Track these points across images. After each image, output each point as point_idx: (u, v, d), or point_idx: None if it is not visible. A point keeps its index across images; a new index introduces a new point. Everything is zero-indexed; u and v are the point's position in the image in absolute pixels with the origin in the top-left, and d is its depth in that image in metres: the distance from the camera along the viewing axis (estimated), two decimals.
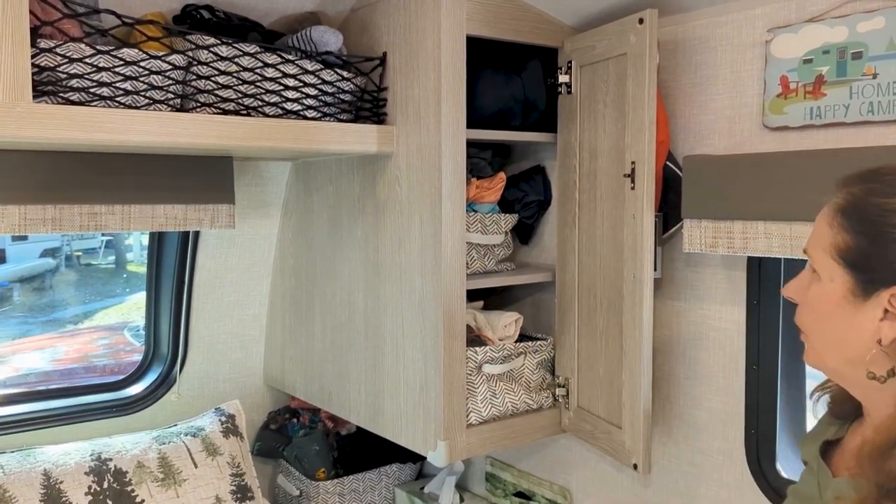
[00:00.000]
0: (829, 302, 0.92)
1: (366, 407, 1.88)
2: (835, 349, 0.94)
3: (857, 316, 0.90)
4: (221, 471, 1.77)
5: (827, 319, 0.94)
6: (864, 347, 0.90)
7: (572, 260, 1.74)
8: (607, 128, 1.59)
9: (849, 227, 0.90)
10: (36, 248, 7.52)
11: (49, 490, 1.56)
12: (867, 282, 0.89)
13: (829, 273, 0.92)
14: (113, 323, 5.82)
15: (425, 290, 1.67)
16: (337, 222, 1.96)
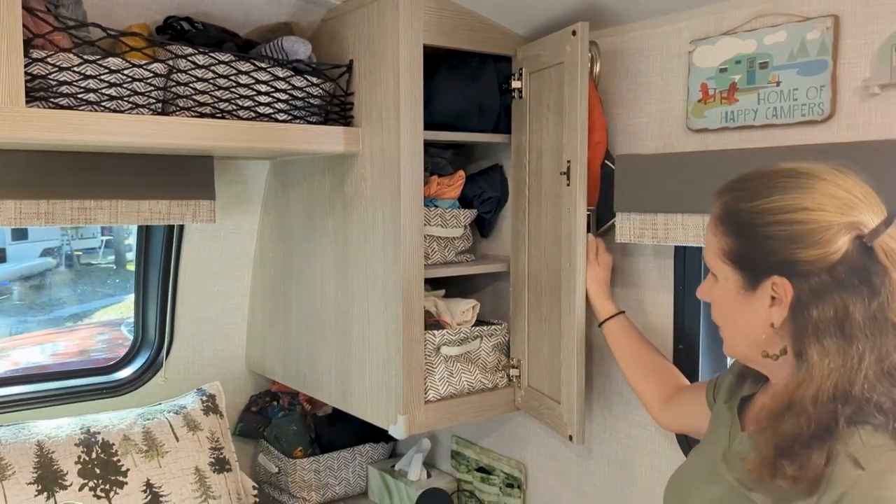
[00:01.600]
0: (728, 299, 1.08)
1: (336, 387, 2.04)
2: (741, 338, 1.09)
3: (751, 306, 1.04)
4: (201, 444, 1.92)
5: (730, 314, 1.09)
6: (762, 332, 1.04)
7: (523, 251, 1.89)
8: (550, 130, 1.74)
9: (727, 232, 1.06)
10: (36, 248, 7.66)
11: (42, 459, 1.72)
12: (751, 276, 1.03)
13: (723, 274, 1.08)
14: (111, 319, 5.96)
15: (387, 278, 1.82)
16: (310, 217, 2.11)
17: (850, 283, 0.96)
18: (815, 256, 0.96)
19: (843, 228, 0.96)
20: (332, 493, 2.34)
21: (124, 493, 1.75)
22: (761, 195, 1.02)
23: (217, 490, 1.87)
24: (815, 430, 0.94)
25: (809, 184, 1.00)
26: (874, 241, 0.96)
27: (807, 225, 0.97)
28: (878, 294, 0.95)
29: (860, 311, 0.95)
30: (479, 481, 2.19)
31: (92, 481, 1.73)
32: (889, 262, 0.96)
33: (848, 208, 0.97)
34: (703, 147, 1.57)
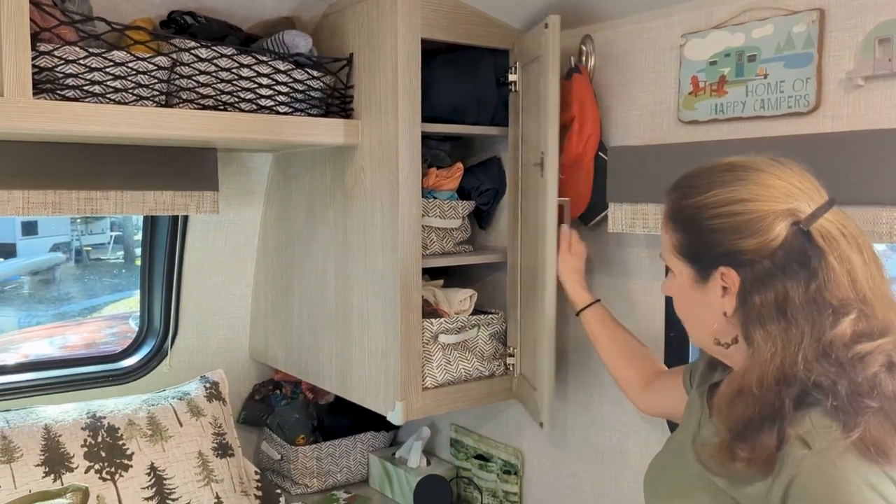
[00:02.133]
0: (685, 292, 1.12)
1: (336, 374, 2.08)
2: (700, 329, 1.13)
3: (706, 298, 1.08)
4: (204, 430, 1.96)
5: (688, 306, 1.14)
6: (716, 321, 1.07)
7: (516, 242, 1.93)
8: (533, 122, 1.78)
9: (676, 228, 1.10)
10: (46, 243, 7.74)
11: (49, 442, 1.76)
12: (702, 268, 1.07)
13: (677, 269, 1.12)
14: (119, 313, 6.02)
15: (386, 268, 1.86)
16: (312, 208, 2.15)
17: (789, 267, 0.99)
18: (756, 245, 1.00)
19: (780, 216, 1.00)
20: (333, 479, 2.39)
21: (129, 476, 1.79)
22: (703, 191, 1.06)
23: (220, 474, 1.91)
24: (763, 413, 0.97)
25: (746, 176, 1.04)
26: (810, 225, 0.99)
27: (745, 216, 1.01)
28: (816, 276, 0.98)
29: (799, 294, 0.98)
30: (478, 468, 2.22)
31: (98, 464, 1.77)
32: (826, 244, 0.99)
33: (784, 196, 1.01)
34: (694, 139, 1.60)
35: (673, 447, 1.25)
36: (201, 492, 1.86)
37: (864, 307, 0.97)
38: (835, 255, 0.98)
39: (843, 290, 0.97)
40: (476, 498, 2.22)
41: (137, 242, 5.54)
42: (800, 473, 0.92)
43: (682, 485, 1.12)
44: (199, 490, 1.86)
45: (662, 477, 1.20)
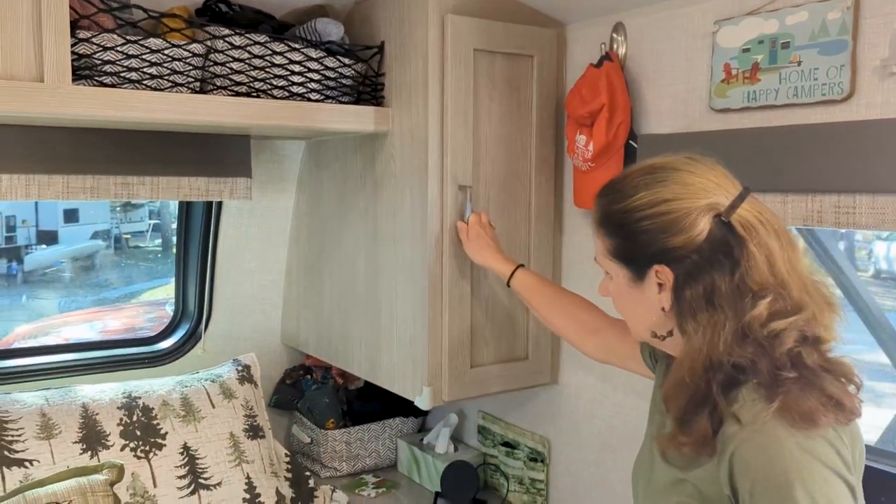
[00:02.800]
0: (623, 292, 1.18)
1: (366, 360, 2.10)
2: (639, 323, 1.19)
3: (643, 295, 1.14)
4: (236, 412, 2.00)
5: (628, 305, 1.20)
6: (655, 316, 1.14)
7: None
8: None
9: (608, 233, 1.16)
10: (87, 230, 7.89)
11: (87, 420, 1.81)
12: (637, 269, 1.13)
13: (613, 272, 1.18)
14: (157, 299, 6.13)
15: (414, 256, 1.87)
16: (343, 196, 2.18)
17: (715, 259, 1.05)
18: (684, 241, 1.06)
19: (701, 211, 1.06)
20: (362, 464, 2.42)
21: (163, 455, 1.84)
22: (629, 195, 1.12)
23: (251, 455, 1.95)
24: (696, 399, 1.04)
25: (666, 177, 1.10)
26: (730, 217, 1.05)
27: (670, 215, 1.07)
28: (739, 265, 1.04)
29: (725, 283, 1.04)
30: (504, 455, 2.24)
31: (133, 442, 1.82)
32: (746, 233, 1.05)
33: (703, 192, 1.07)
34: (726, 126, 1.59)
35: (647, 443, 1.27)
36: (232, 472, 1.90)
37: (780, 289, 1.03)
38: (754, 243, 1.04)
39: (763, 275, 1.03)
40: (503, 485, 2.23)
41: (175, 230, 5.67)
42: (737, 448, 0.99)
43: (651, 480, 1.17)
44: (230, 470, 1.90)
45: (641, 474, 1.24)
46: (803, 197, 1.40)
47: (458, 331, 1.88)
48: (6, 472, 1.67)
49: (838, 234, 2.06)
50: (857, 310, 2.04)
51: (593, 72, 1.77)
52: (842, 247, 5.98)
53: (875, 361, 4.60)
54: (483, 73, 1.85)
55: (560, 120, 1.97)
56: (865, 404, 1.10)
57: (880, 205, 1.29)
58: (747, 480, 0.97)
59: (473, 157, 1.86)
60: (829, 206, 1.36)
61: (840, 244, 5.28)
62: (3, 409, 1.76)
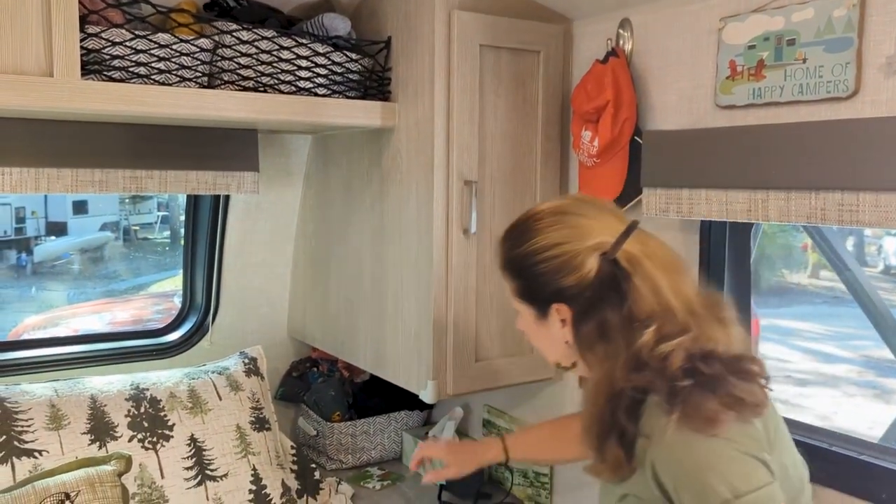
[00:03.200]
0: (532, 329, 1.28)
1: (371, 353, 2.12)
2: (550, 356, 1.30)
3: (549, 331, 1.23)
4: (242, 404, 2.02)
5: (537, 340, 1.30)
6: (560, 349, 1.23)
7: None
8: None
9: (511, 276, 1.26)
10: (96, 222, 7.94)
11: (95, 411, 1.84)
12: (540, 307, 1.22)
13: (522, 310, 1.27)
14: (165, 290, 6.17)
15: (420, 250, 1.88)
16: (349, 190, 2.19)
17: (605, 294, 1.14)
18: (576, 280, 1.15)
19: (589, 251, 1.15)
20: (367, 456, 2.43)
21: (170, 446, 1.86)
22: (524, 240, 1.21)
23: (257, 447, 1.97)
24: (604, 428, 1.13)
25: (556, 221, 1.19)
26: (615, 254, 1.14)
27: (562, 257, 1.16)
28: (627, 297, 1.12)
29: (616, 316, 1.13)
30: None
31: (140, 434, 1.84)
32: (631, 267, 1.13)
33: (590, 233, 1.16)
34: (730, 123, 1.59)
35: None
36: (239, 463, 1.92)
37: (666, 315, 1.11)
38: (639, 276, 1.13)
39: (649, 305, 1.11)
40: (507, 478, 2.25)
41: (184, 223, 5.70)
42: (653, 458, 1.08)
43: (607, 496, 1.23)
44: (236, 462, 1.92)
45: (602, 491, 1.29)
46: (807, 194, 1.40)
47: (463, 325, 1.89)
48: (16, 463, 1.69)
49: (847, 231, 2.06)
50: (863, 306, 2.05)
51: (599, 68, 1.78)
52: (851, 243, 5.94)
53: (882, 357, 4.58)
54: (489, 69, 1.86)
55: (566, 116, 1.98)
56: (872, 400, 1.13)
57: (884, 202, 1.29)
58: (669, 480, 1.06)
59: (479, 153, 1.87)
60: (832, 203, 1.37)
61: (850, 240, 5.26)
62: (12, 400, 1.78)
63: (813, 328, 6.46)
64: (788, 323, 6.48)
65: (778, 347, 5.79)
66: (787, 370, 5.45)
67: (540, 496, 2.15)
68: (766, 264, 6.12)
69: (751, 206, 1.49)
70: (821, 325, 6.49)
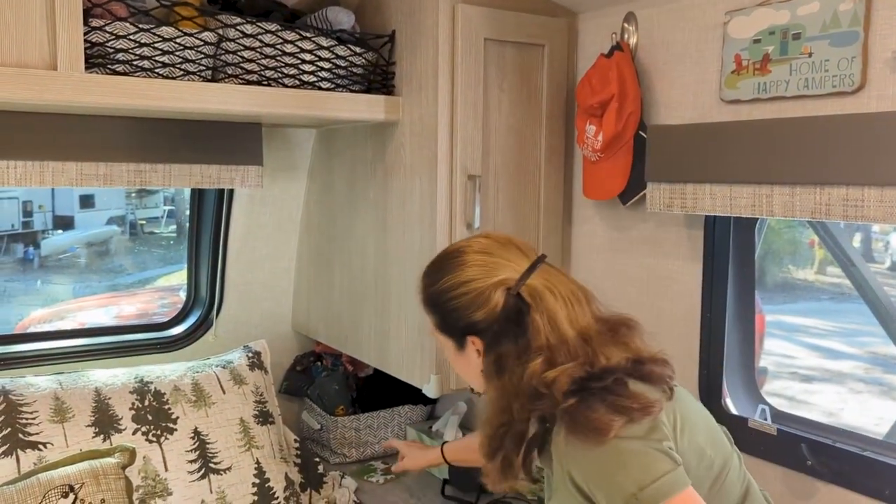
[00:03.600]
0: (454, 358, 1.35)
1: (375, 347, 2.12)
2: (471, 382, 1.37)
3: (468, 360, 1.30)
4: (246, 398, 2.02)
5: (459, 368, 1.38)
6: (479, 377, 1.29)
7: None
8: None
9: (430, 311, 1.33)
10: (102, 216, 7.95)
11: (99, 404, 1.84)
12: (457, 339, 1.30)
13: (442, 341, 1.35)
14: (171, 285, 6.19)
15: (423, 244, 1.88)
16: (353, 184, 2.19)
17: (508, 327, 1.21)
18: (485, 314, 1.23)
19: (495, 287, 1.22)
20: (371, 450, 2.44)
21: (174, 439, 1.86)
22: (438, 278, 1.29)
23: (260, 440, 1.97)
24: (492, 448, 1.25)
25: (465, 260, 1.27)
26: (518, 289, 1.22)
27: (471, 294, 1.23)
28: (526, 330, 1.20)
29: (512, 349, 1.20)
30: None
31: (144, 426, 1.84)
32: (532, 300, 1.21)
33: (496, 269, 1.24)
34: (736, 118, 1.58)
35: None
36: (242, 457, 1.92)
37: (559, 345, 1.18)
38: (538, 309, 1.20)
39: (542, 337, 1.19)
40: None
41: (189, 218, 5.63)
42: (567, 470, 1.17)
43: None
44: (240, 455, 1.92)
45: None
46: (812, 189, 1.40)
47: None
48: (20, 455, 1.70)
49: (854, 227, 2.05)
50: (868, 303, 2.03)
51: (604, 62, 1.77)
52: (858, 239, 5.88)
53: (889, 354, 4.55)
54: (493, 63, 1.85)
55: (570, 110, 1.97)
56: (878, 396, 1.14)
57: (889, 197, 1.29)
58: (583, 483, 1.16)
59: (483, 147, 1.87)
60: (837, 198, 1.36)
61: (857, 236, 5.20)
62: (17, 392, 1.79)
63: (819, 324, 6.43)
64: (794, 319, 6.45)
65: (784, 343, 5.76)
66: (793, 366, 5.42)
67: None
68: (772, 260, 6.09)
69: (755, 201, 1.48)
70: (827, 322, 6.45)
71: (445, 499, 2.17)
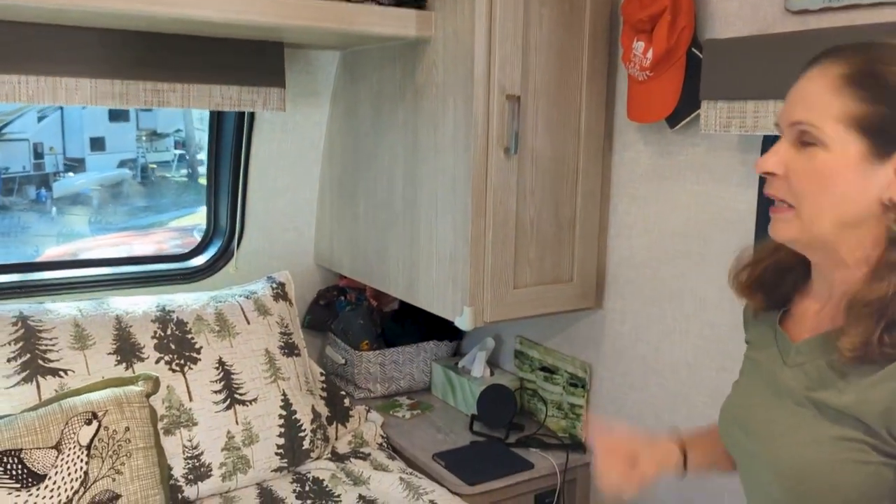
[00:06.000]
0: (841, 167, 0.93)
1: (403, 279, 2.04)
2: (832, 213, 0.95)
3: (867, 179, 0.92)
4: (271, 329, 1.95)
5: (832, 185, 0.94)
6: (867, 209, 0.93)
7: None
8: None
9: (864, 96, 0.92)
10: (113, 159, 7.87)
11: (120, 332, 1.78)
12: (884, 146, 0.91)
13: (841, 142, 0.93)
14: (184, 225, 6.13)
15: (457, 169, 1.78)
16: (380, 108, 2.08)
17: None
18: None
19: None
20: (396, 386, 2.38)
21: (198, 369, 1.80)
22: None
23: (286, 372, 1.91)
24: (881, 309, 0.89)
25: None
26: None
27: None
28: None
29: None
30: (543, 380, 2.18)
31: (167, 356, 1.78)
32: None
33: None
34: (804, 27, 1.46)
35: (753, 387, 1.12)
36: (268, 388, 1.86)
37: None
38: None
39: None
40: (540, 409, 2.19)
41: (201, 161, 5.58)
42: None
43: (784, 417, 1.01)
44: (266, 386, 1.86)
45: (755, 417, 1.07)
46: None
47: (502, 249, 1.80)
48: (41, 381, 1.64)
49: None
50: None
51: None
52: None
53: None
54: None
55: (615, 26, 1.85)
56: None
57: None
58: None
59: (522, 66, 1.75)
60: None
61: None
62: (36, 318, 1.73)
63: None
64: None
65: None
66: None
67: (575, 428, 2.09)
68: None
69: None
70: None
71: (474, 434, 2.12)
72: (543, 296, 1.89)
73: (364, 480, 1.84)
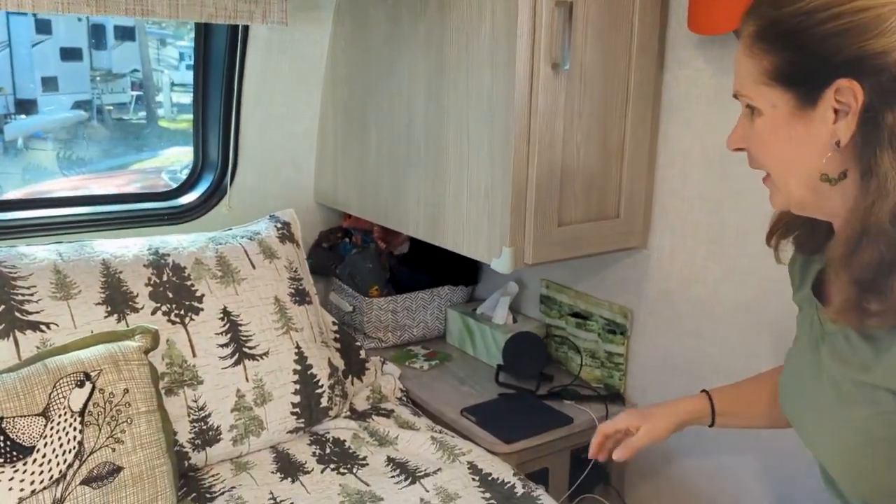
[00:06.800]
0: (777, 130, 0.90)
1: (424, 218, 1.82)
2: (797, 172, 0.91)
3: (809, 129, 0.87)
4: (279, 274, 1.73)
5: (780, 147, 0.91)
6: (822, 157, 0.87)
7: None
8: None
9: (771, 49, 0.88)
10: (67, 101, 7.44)
11: (109, 279, 1.54)
12: (808, 90, 0.86)
13: (768, 101, 0.90)
14: (146, 167, 5.81)
15: (494, 91, 1.56)
16: (396, 23, 1.83)
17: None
18: (886, 46, 0.80)
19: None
20: (409, 334, 2.18)
21: (200, 320, 1.58)
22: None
23: (299, 322, 1.69)
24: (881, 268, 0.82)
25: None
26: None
27: (871, 11, 0.81)
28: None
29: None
30: (574, 327, 2.00)
31: (165, 305, 1.55)
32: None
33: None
34: None
35: (800, 360, 1.05)
36: (280, 340, 1.65)
37: None
38: None
39: None
40: (572, 358, 2.01)
41: (159, 103, 5.16)
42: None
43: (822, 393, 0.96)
44: (277, 338, 1.64)
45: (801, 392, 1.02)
46: None
47: (547, 181, 1.59)
48: (19, 337, 1.40)
49: None
50: None
51: None
52: None
53: None
54: None
55: None
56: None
57: None
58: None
59: None
60: None
61: None
62: (8, 263, 1.48)
63: None
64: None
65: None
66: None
67: (612, 377, 1.92)
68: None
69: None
70: None
71: (500, 386, 1.94)
72: (589, 234, 1.69)
73: (391, 440, 1.65)
